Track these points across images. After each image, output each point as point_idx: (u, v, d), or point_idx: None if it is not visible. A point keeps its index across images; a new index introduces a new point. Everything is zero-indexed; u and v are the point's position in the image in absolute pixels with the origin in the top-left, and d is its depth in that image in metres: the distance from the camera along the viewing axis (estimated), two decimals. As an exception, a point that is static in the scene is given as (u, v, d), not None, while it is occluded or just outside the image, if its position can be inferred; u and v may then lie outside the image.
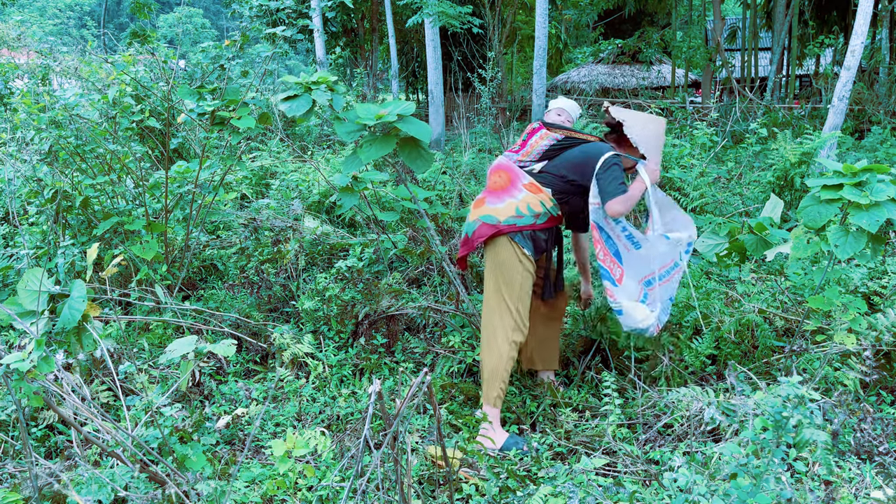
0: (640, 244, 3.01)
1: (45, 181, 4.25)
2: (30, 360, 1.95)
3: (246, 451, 2.52)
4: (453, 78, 18.34)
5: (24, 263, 4.11)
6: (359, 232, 5.46)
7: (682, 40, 16.82)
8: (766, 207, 3.43)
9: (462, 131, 8.86)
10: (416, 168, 3.10)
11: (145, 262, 4.12)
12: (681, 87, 19.77)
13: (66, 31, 19.48)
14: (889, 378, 3.04)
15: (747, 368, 3.07)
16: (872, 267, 3.97)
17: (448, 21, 10.54)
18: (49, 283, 2.32)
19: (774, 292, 3.71)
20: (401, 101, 3.12)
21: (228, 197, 5.82)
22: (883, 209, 2.54)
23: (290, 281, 4.43)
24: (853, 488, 2.36)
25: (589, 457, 2.74)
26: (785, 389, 1.83)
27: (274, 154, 7.63)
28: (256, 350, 3.81)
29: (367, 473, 2.35)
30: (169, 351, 2.24)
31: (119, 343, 3.53)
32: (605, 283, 3.05)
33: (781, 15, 14.79)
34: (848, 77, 6.21)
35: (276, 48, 4.32)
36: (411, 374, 3.49)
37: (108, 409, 3.13)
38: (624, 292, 3.03)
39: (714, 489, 1.86)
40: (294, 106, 3.15)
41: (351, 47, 20.16)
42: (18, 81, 6.93)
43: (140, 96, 5.38)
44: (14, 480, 2.53)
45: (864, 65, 13.69)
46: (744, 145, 7.49)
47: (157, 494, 2.18)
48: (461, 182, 6.25)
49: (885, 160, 7.35)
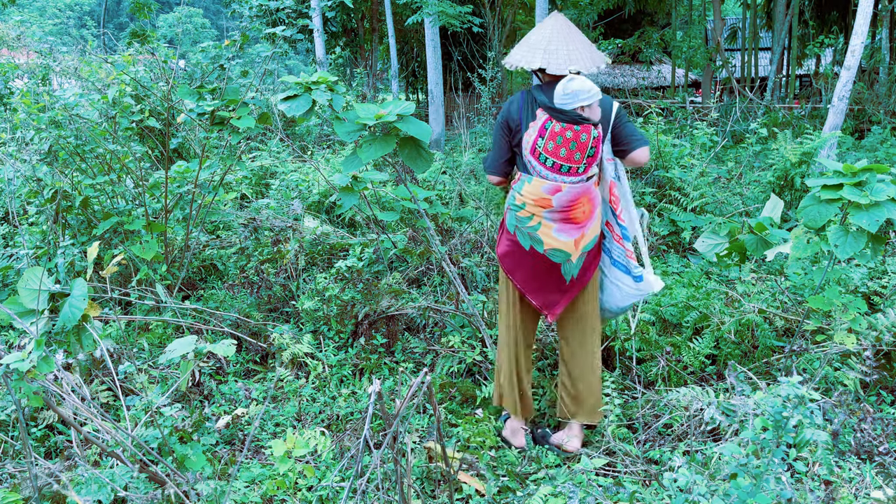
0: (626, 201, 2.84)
1: (44, 181, 4.25)
2: (29, 359, 1.94)
3: (246, 451, 2.52)
4: (453, 78, 18.35)
5: (23, 263, 4.11)
6: (359, 232, 5.46)
7: (682, 40, 16.81)
8: (766, 207, 3.43)
9: (462, 131, 8.85)
10: (416, 168, 3.10)
11: (145, 261, 4.12)
12: (681, 87, 19.78)
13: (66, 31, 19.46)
14: (889, 378, 3.04)
15: (747, 368, 3.07)
16: (872, 267, 3.97)
17: (448, 21, 10.54)
18: (49, 282, 2.32)
19: (774, 292, 3.71)
20: (401, 101, 3.11)
21: (228, 197, 5.82)
22: (883, 209, 2.54)
23: (289, 281, 4.43)
24: (853, 488, 2.36)
25: (589, 457, 2.74)
26: (785, 389, 1.83)
27: (274, 154, 7.62)
28: (256, 350, 3.81)
29: (367, 473, 2.35)
30: (169, 351, 2.23)
31: (119, 343, 3.52)
32: (626, 245, 2.81)
33: (781, 15, 14.79)
34: (848, 77, 6.21)
35: (276, 48, 4.32)
36: (411, 374, 3.49)
37: (107, 409, 3.13)
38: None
39: (714, 489, 1.86)
40: (294, 106, 3.15)
41: (351, 47, 20.15)
42: (18, 81, 6.92)
43: (140, 96, 5.38)
44: (14, 480, 2.52)
45: (864, 65, 13.69)
46: (744, 145, 7.49)
47: (156, 494, 2.18)
48: (461, 182, 6.25)
49: (885, 160, 7.35)
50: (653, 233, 5.19)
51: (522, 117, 2.70)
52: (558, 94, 2.58)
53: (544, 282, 2.78)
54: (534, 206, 2.68)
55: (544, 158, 2.62)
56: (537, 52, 2.73)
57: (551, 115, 2.59)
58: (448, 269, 3.64)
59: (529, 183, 2.68)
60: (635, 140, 2.71)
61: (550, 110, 2.59)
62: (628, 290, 2.85)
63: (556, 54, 2.70)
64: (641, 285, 2.82)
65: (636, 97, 16.10)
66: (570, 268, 2.73)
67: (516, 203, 2.72)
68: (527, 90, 2.74)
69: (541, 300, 2.81)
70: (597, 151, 2.63)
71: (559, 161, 2.60)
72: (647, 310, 3.68)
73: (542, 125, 2.61)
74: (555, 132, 2.58)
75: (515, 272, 2.81)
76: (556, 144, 2.58)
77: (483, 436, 2.93)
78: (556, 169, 2.61)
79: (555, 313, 2.82)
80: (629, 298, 2.87)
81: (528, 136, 2.65)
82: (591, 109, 2.59)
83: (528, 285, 2.80)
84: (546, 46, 2.73)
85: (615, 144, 2.75)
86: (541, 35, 2.78)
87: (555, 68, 2.68)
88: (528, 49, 2.77)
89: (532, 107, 2.68)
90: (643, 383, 3.26)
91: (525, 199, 2.69)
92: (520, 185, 2.72)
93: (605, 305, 2.95)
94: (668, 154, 6.11)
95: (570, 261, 2.71)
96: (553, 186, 2.63)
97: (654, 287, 2.84)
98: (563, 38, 2.74)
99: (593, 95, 2.56)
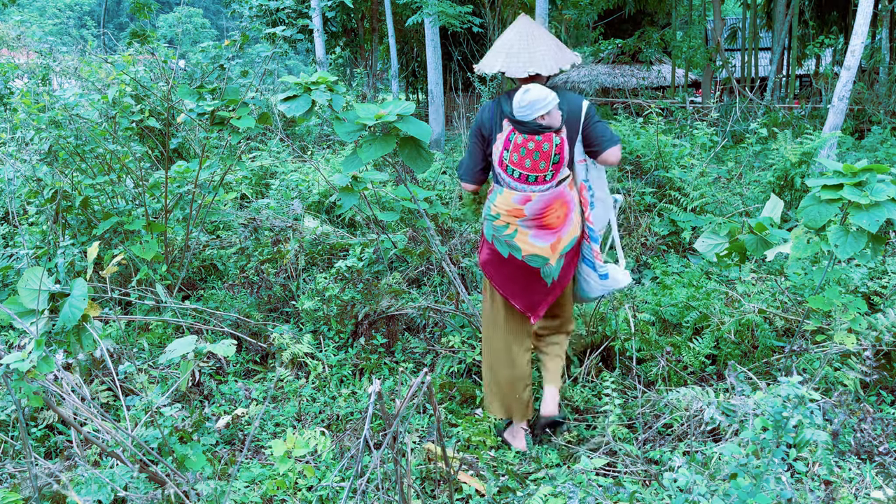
0: (594, 203, 2.88)
1: (44, 181, 4.25)
2: (29, 360, 1.94)
3: (246, 451, 2.52)
4: (453, 78, 18.34)
5: (23, 263, 4.11)
6: (359, 232, 5.46)
7: (682, 40, 16.82)
8: (766, 207, 3.43)
9: (462, 131, 8.85)
10: (416, 168, 3.10)
11: (145, 261, 4.12)
12: (681, 87, 19.78)
13: (66, 31, 19.47)
14: (889, 378, 3.04)
15: (747, 368, 3.07)
16: (872, 267, 3.97)
17: (448, 21, 10.54)
18: (49, 282, 2.32)
19: (774, 292, 3.71)
20: (401, 101, 3.11)
21: (228, 197, 5.82)
22: (883, 209, 2.54)
23: (289, 281, 4.43)
24: (853, 488, 2.36)
25: (589, 458, 2.74)
26: (785, 389, 1.83)
27: (274, 154, 7.63)
28: (256, 350, 3.81)
29: (367, 473, 2.35)
30: (169, 351, 2.23)
31: (119, 343, 3.52)
32: (593, 245, 2.87)
33: (781, 15, 14.79)
34: (848, 77, 6.21)
35: (276, 48, 4.32)
36: (411, 374, 3.49)
37: (107, 409, 3.13)
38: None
39: (714, 489, 1.86)
40: (294, 106, 3.15)
41: (351, 47, 20.16)
42: (18, 81, 6.92)
43: (140, 96, 5.38)
44: (14, 480, 2.53)
45: (864, 65, 13.69)
46: (744, 145, 7.49)
47: (156, 494, 2.18)
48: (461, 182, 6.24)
49: (885, 160, 7.35)
50: (653, 233, 5.19)
51: (493, 126, 2.72)
52: (516, 104, 2.58)
53: (525, 286, 2.82)
54: (507, 216, 2.72)
55: (511, 170, 2.65)
56: (499, 55, 2.73)
57: (514, 127, 2.60)
58: (448, 269, 3.64)
59: (501, 194, 2.72)
60: (605, 140, 2.72)
61: (513, 122, 2.61)
62: (595, 284, 2.93)
63: (516, 58, 2.70)
64: (607, 282, 2.91)
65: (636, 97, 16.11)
66: (549, 270, 2.77)
67: (492, 213, 2.77)
68: (496, 100, 2.76)
69: (523, 303, 2.86)
70: (561, 157, 2.63)
71: (525, 171, 2.62)
72: (647, 310, 3.68)
73: (506, 137, 2.63)
74: (518, 144, 2.60)
75: (497, 279, 2.86)
76: (520, 156, 2.60)
77: (483, 436, 2.94)
78: (523, 179, 2.64)
79: (538, 315, 2.89)
80: (598, 291, 2.97)
81: (496, 148, 2.69)
82: (549, 116, 2.58)
83: (510, 290, 2.85)
84: (508, 50, 2.73)
85: (586, 145, 2.76)
86: (504, 39, 2.78)
87: (513, 72, 2.69)
88: (491, 54, 2.78)
89: (500, 117, 2.69)
90: (643, 383, 3.26)
91: (499, 209, 2.73)
92: (493, 197, 2.76)
93: (578, 293, 3.06)
94: (668, 154, 6.11)
95: (549, 264, 2.75)
96: (523, 196, 2.66)
97: (620, 283, 2.92)
98: (525, 41, 2.74)
99: (550, 103, 2.55)
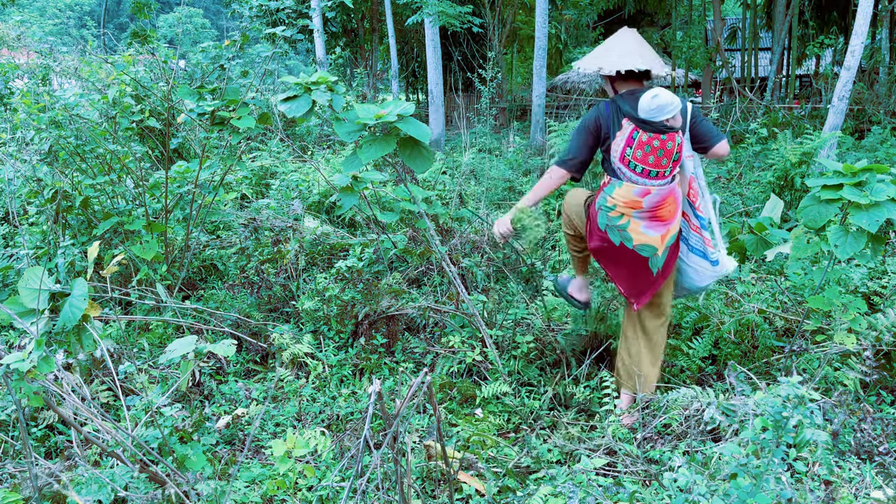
0: (703, 194, 3.05)
1: (45, 181, 4.25)
2: (30, 360, 1.94)
3: (246, 451, 2.52)
4: (453, 78, 18.36)
5: (24, 263, 4.11)
6: (359, 232, 5.46)
7: (682, 40, 16.83)
8: (766, 207, 3.43)
9: (462, 131, 8.86)
10: (416, 168, 3.10)
11: (145, 261, 4.12)
12: (681, 87, 19.78)
13: (66, 31, 19.47)
14: (889, 378, 3.04)
15: (747, 368, 3.07)
16: (872, 267, 3.97)
17: (448, 21, 10.54)
18: (49, 282, 2.32)
19: (774, 292, 3.71)
20: (401, 101, 3.12)
21: (228, 197, 5.83)
22: (883, 209, 2.54)
23: (290, 281, 4.43)
24: (853, 488, 2.36)
25: (589, 457, 2.74)
26: (785, 389, 1.83)
27: (274, 154, 7.63)
28: (256, 350, 3.81)
29: (367, 473, 2.35)
30: (169, 351, 2.23)
31: (119, 343, 3.53)
32: (704, 234, 3.02)
33: (781, 15, 14.79)
34: (848, 77, 6.21)
35: (276, 48, 4.32)
36: (411, 374, 3.49)
37: (108, 409, 3.13)
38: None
39: (714, 489, 1.86)
40: (294, 106, 3.15)
41: (351, 47, 20.17)
42: (18, 81, 6.92)
43: (140, 96, 5.38)
44: (14, 480, 2.53)
45: (864, 65, 13.69)
46: (744, 145, 7.49)
47: (157, 494, 2.18)
48: (461, 182, 6.25)
49: (885, 160, 7.35)
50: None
51: (612, 125, 2.88)
52: (644, 108, 2.77)
53: (634, 273, 2.99)
54: (624, 208, 2.88)
55: (633, 165, 2.83)
56: (610, 53, 2.95)
57: (637, 126, 2.79)
58: (448, 269, 3.64)
59: (620, 187, 2.87)
60: (714, 136, 2.92)
61: (637, 121, 2.79)
62: (706, 272, 3.06)
63: (629, 56, 2.92)
64: (718, 268, 3.04)
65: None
66: (657, 261, 2.93)
67: (608, 205, 2.91)
68: (611, 100, 2.93)
69: (630, 290, 3.03)
70: (680, 156, 2.87)
71: (648, 167, 2.82)
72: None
73: (629, 135, 2.81)
74: (642, 142, 2.79)
75: (608, 266, 3.07)
76: (644, 153, 2.80)
77: (483, 435, 2.94)
78: (645, 174, 2.83)
79: (642, 302, 3.03)
80: (707, 279, 3.08)
81: (617, 145, 2.85)
82: (674, 118, 2.80)
83: (620, 276, 3.05)
84: (620, 50, 2.94)
85: (695, 142, 2.96)
86: (610, 43, 3.01)
87: (628, 66, 2.87)
88: (602, 52, 2.97)
89: (618, 116, 2.85)
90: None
91: (616, 201, 2.88)
92: (610, 189, 2.90)
93: (684, 285, 3.16)
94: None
95: (657, 254, 2.92)
96: (643, 190, 2.84)
97: (728, 268, 3.04)
98: (633, 44, 2.98)
99: (676, 107, 2.77)
